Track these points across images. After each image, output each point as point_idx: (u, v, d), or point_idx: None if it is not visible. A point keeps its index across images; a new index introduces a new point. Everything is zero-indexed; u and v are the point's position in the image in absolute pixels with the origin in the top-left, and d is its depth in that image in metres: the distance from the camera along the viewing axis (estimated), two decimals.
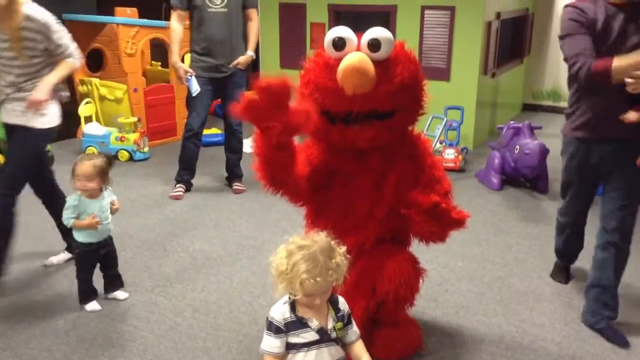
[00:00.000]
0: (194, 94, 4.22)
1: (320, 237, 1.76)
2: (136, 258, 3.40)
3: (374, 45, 2.06)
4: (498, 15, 5.74)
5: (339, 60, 2.05)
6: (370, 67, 2.02)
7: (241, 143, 4.56)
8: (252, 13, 4.35)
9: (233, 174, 4.62)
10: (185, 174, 4.51)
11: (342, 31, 2.10)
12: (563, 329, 2.71)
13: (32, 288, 3.05)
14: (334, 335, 1.82)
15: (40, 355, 2.49)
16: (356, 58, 2.01)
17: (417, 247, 2.40)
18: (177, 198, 4.39)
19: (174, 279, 3.16)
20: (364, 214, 2.25)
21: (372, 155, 2.22)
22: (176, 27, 4.24)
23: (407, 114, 2.21)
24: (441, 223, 2.12)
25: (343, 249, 1.78)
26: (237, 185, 4.56)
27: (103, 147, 5.36)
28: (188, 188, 4.53)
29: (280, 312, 1.80)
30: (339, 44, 2.08)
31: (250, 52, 4.33)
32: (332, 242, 1.77)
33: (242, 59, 4.27)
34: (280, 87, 1.80)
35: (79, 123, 5.71)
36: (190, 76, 4.21)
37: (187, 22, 4.30)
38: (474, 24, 5.39)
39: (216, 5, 4.14)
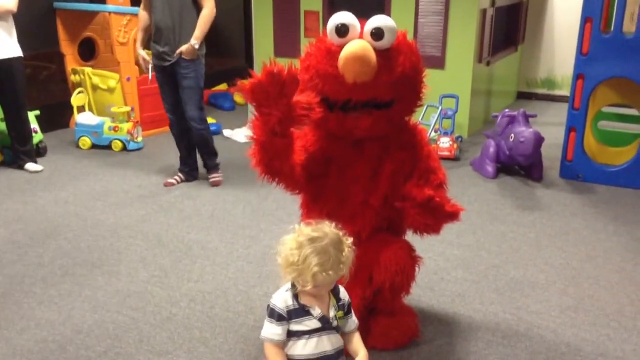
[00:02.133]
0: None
1: (330, 229, 1.77)
2: (131, 249, 3.38)
3: (377, 34, 2.03)
4: (493, 2, 5.72)
5: (341, 46, 2.03)
6: (373, 55, 2.00)
7: (201, 136, 4.30)
8: (204, 0, 4.06)
9: (207, 166, 4.48)
10: (180, 162, 4.51)
11: (346, 17, 2.08)
12: (558, 316, 2.72)
13: (25, 278, 3.03)
14: (335, 323, 1.83)
15: (35, 346, 2.48)
16: (359, 46, 1.99)
17: (412, 236, 2.39)
18: (166, 184, 4.42)
19: (170, 269, 3.15)
20: (359, 202, 2.24)
21: (368, 144, 2.21)
22: (141, 14, 4.25)
23: (405, 104, 2.20)
24: (435, 216, 2.11)
25: (350, 240, 1.79)
26: (212, 178, 4.43)
27: (96, 137, 5.32)
28: (187, 178, 4.50)
29: (282, 299, 1.80)
30: (342, 30, 2.06)
31: (192, 41, 4.02)
32: (341, 234, 1.77)
33: (183, 48, 4.02)
34: (287, 77, 1.79)
35: (71, 113, 5.67)
36: (148, 64, 4.24)
37: None
38: (468, 11, 5.36)
39: None
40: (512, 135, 4.42)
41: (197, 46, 4.05)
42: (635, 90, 4.35)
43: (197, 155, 4.52)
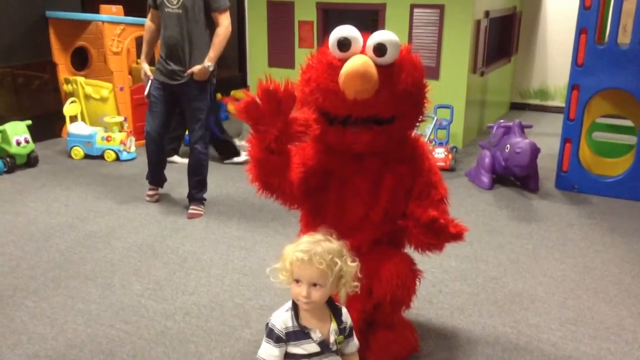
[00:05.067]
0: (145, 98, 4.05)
1: (337, 241, 1.78)
2: (124, 261, 3.33)
3: (380, 49, 2.00)
4: (487, 13, 5.74)
5: (343, 61, 1.99)
6: (374, 72, 1.96)
7: (201, 165, 4.03)
8: (219, 17, 3.79)
9: (192, 197, 4.10)
10: (150, 177, 4.26)
11: (348, 31, 2.04)
12: (558, 329, 2.70)
13: (17, 291, 2.97)
14: (334, 348, 1.80)
15: None
16: (360, 62, 1.95)
17: (411, 249, 2.36)
18: (149, 197, 4.27)
19: (164, 281, 3.10)
20: (359, 216, 2.21)
21: (368, 158, 2.18)
22: (147, 25, 4.00)
23: (407, 120, 2.17)
24: (439, 237, 2.09)
25: (355, 264, 1.78)
26: (192, 209, 4.03)
27: (89, 147, 5.27)
28: (159, 186, 4.31)
29: (282, 319, 1.76)
30: (344, 44, 2.02)
31: (206, 63, 3.77)
32: (344, 250, 1.77)
33: (195, 69, 3.76)
34: (284, 94, 1.76)
35: (64, 122, 5.62)
36: (148, 79, 3.98)
37: None
38: (463, 22, 5.37)
39: (173, 5, 3.74)
40: (508, 146, 4.41)
41: (211, 68, 3.81)
42: (629, 101, 4.36)
43: (165, 167, 4.28)
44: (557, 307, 2.89)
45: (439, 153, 5.03)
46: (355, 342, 1.89)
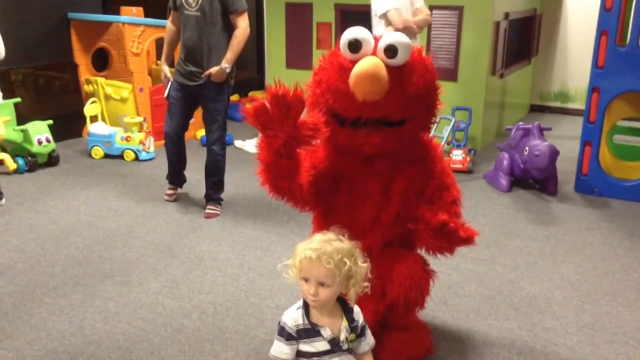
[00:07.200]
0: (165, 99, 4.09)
1: (349, 241, 1.80)
2: (142, 259, 3.37)
3: (391, 50, 2.00)
4: (506, 15, 5.69)
5: (354, 62, 2.00)
6: (384, 74, 1.96)
7: (218, 166, 4.06)
8: (236, 19, 3.81)
9: (209, 197, 4.14)
10: (170, 177, 4.34)
11: (359, 32, 2.04)
12: (575, 333, 2.67)
13: (36, 288, 3.02)
14: (345, 346, 1.80)
15: (45, 357, 2.46)
16: (370, 64, 1.95)
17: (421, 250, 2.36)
18: (168, 196, 4.32)
19: (181, 280, 3.13)
20: (370, 218, 2.21)
21: (379, 160, 2.18)
22: (168, 27, 4.06)
23: (418, 123, 2.16)
24: (449, 240, 2.08)
25: (365, 265, 1.79)
26: (209, 209, 4.08)
27: (108, 146, 5.34)
28: (178, 186, 4.38)
29: (293, 317, 1.78)
30: (355, 45, 2.02)
31: (223, 64, 3.81)
32: (355, 251, 1.78)
33: (213, 70, 3.80)
34: (293, 99, 1.76)
35: (84, 122, 5.69)
36: (168, 81, 4.03)
37: None
38: (482, 24, 5.34)
39: (191, 7, 3.78)
40: (527, 148, 4.38)
41: (228, 70, 3.83)
42: None
43: (185, 168, 4.35)
44: (575, 311, 2.86)
45: (457, 155, 5.00)
46: (368, 341, 1.89)
